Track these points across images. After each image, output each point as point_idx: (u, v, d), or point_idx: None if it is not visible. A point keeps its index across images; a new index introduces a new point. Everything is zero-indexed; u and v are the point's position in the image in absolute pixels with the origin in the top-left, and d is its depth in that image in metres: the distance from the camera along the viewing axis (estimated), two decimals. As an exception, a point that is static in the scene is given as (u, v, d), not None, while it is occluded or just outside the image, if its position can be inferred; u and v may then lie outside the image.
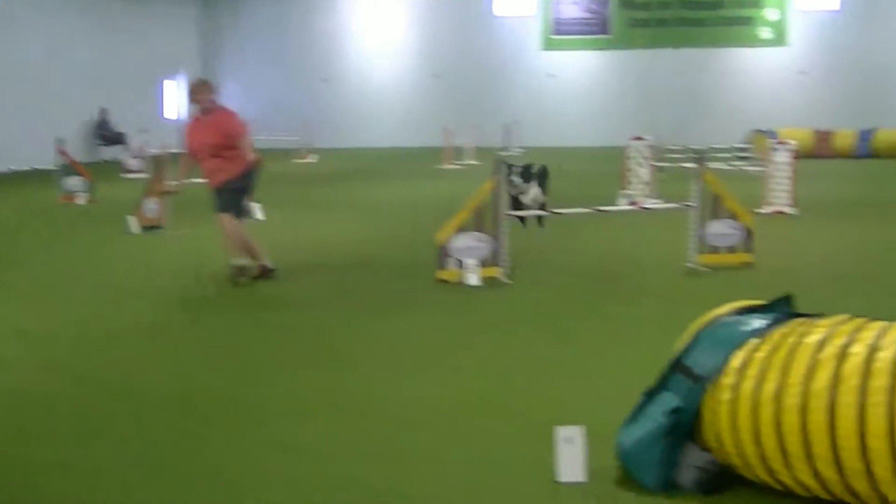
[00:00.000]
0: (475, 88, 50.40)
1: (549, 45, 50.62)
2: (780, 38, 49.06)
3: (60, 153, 25.35)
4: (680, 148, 32.30)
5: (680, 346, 6.38)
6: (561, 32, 50.53)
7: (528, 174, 16.31)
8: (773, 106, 47.85)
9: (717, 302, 6.93)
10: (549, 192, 17.01)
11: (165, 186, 18.31)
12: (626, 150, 23.24)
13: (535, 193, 15.76)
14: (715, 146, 34.17)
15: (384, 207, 22.98)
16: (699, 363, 6.07)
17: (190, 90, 13.68)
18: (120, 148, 41.60)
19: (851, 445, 5.30)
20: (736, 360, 5.88)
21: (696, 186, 14.12)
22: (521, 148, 43.57)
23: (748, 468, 5.85)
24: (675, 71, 49.54)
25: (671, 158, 29.45)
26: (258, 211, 20.65)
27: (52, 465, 6.73)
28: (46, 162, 29.75)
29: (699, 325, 6.42)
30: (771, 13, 48.95)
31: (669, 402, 6.13)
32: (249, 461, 6.78)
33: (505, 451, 6.85)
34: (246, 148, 13.49)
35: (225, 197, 13.56)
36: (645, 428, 6.14)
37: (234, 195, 13.61)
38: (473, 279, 13.11)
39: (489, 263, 13.38)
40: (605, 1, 50.07)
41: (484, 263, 13.33)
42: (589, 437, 6.29)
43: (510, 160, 15.81)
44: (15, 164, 36.40)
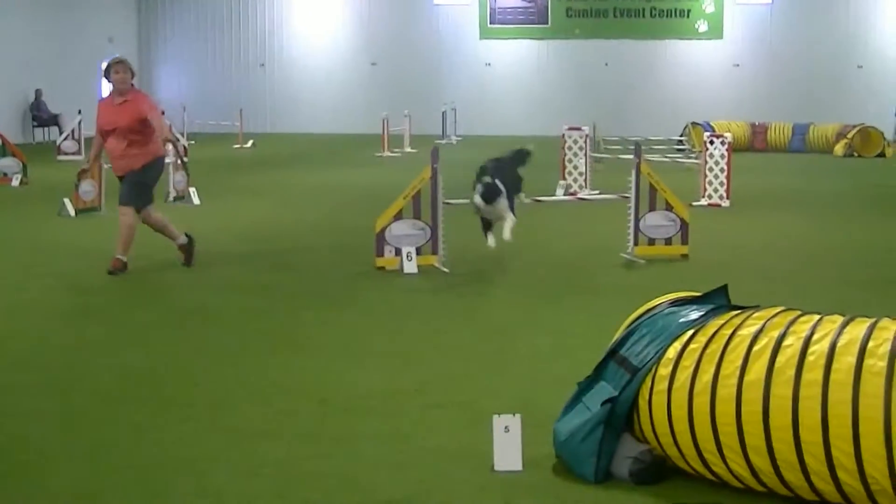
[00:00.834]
0: (413, 76, 50.33)
1: (486, 33, 50.65)
2: (715, 30, 49.39)
3: (-6, 134, 25.10)
4: (617, 139, 32.46)
5: (617, 336, 6.43)
6: (499, 21, 50.58)
7: (492, 192, 13.23)
8: (708, 99, 48.16)
9: (653, 293, 6.99)
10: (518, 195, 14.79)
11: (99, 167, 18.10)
12: (562, 140, 23.29)
13: (502, 208, 13.34)
14: (652, 138, 34.35)
15: (322, 194, 22.93)
16: (635, 353, 6.11)
17: (107, 68, 13.26)
18: (55, 129, 41.25)
19: (785, 437, 5.36)
20: (672, 350, 5.93)
21: (632, 178, 14.20)
22: (458, 136, 43.60)
23: (683, 459, 5.90)
24: (612, 62, 49.73)
25: (608, 150, 29.64)
26: (194, 196, 20.56)
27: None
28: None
29: (636, 315, 6.47)
30: (707, 6, 49.26)
31: (605, 392, 6.17)
32: (196, 445, 6.76)
33: (442, 438, 6.86)
34: (159, 128, 13.21)
35: (126, 188, 13.22)
36: (581, 418, 6.17)
37: (137, 188, 13.20)
38: (410, 267, 13.12)
39: (427, 251, 13.40)
40: (543, -10, 50.16)
41: (421, 251, 13.35)
42: (526, 426, 6.31)
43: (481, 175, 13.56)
44: (-53, 144, 35.95)
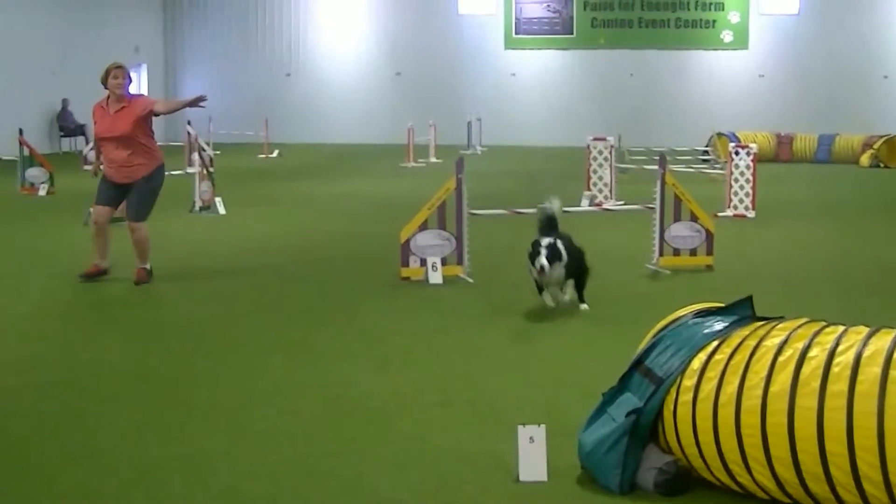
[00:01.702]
0: (438, 86, 50.36)
1: (511, 43, 50.67)
2: (740, 41, 49.31)
3: (21, 144, 25.20)
4: (642, 149, 32.45)
5: (641, 347, 6.44)
6: (524, 31, 50.59)
7: (556, 253, 11.29)
8: (734, 109, 48.04)
9: (678, 304, 6.99)
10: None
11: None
12: (587, 150, 23.29)
13: (558, 274, 11.32)
14: (676, 148, 34.32)
15: (347, 204, 22.97)
16: (660, 364, 6.12)
17: (105, 73, 12.98)
18: (81, 139, 41.44)
19: (810, 448, 5.36)
20: (697, 361, 5.94)
21: (657, 188, 14.19)
22: (483, 147, 43.61)
23: (708, 470, 5.90)
24: (637, 72, 49.68)
25: (633, 160, 29.62)
26: (220, 205, 20.63)
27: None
28: (7, 153, 29.54)
29: (660, 326, 6.48)
30: (732, 16, 49.19)
31: (630, 403, 6.18)
32: (214, 447, 6.81)
33: (467, 448, 6.88)
34: (173, 104, 13.61)
35: (137, 201, 13.12)
36: (606, 429, 6.18)
37: (148, 199, 13.21)
38: (436, 277, 13.14)
39: (452, 262, 13.43)
40: (568, 1, 50.16)
41: (446, 261, 13.37)
42: (551, 436, 6.33)
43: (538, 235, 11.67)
44: (-25, 154, 36.16)
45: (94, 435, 7.11)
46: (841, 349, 5.48)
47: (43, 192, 24.52)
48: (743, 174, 21.05)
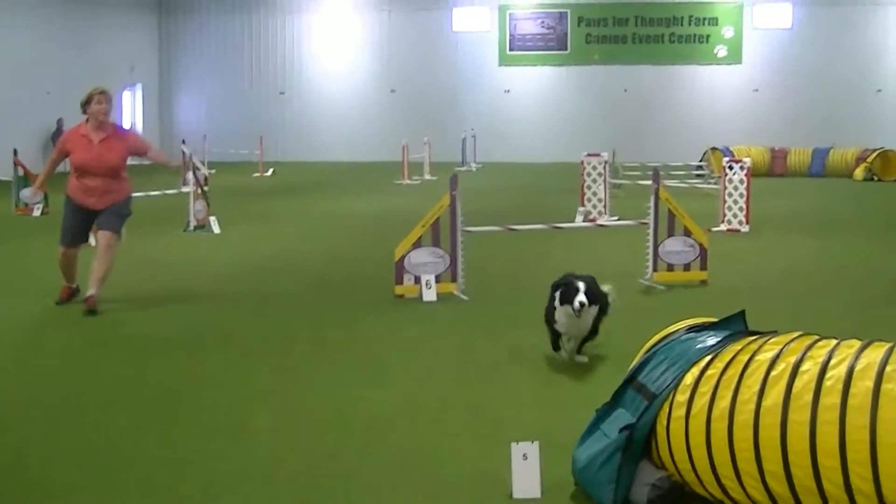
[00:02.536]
0: (433, 103, 50.47)
1: (506, 60, 50.76)
2: (734, 55, 49.42)
3: (15, 164, 25.20)
4: (636, 165, 32.50)
5: (634, 362, 6.44)
6: (518, 48, 50.70)
7: (594, 294, 9.74)
8: (728, 123, 48.18)
9: (672, 319, 6.99)
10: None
11: None
12: (581, 166, 23.32)
13: (587, 320, 9.69)
14: (671, 163, 34.39)
15: (342, 222, 22.99)
16: (653, 380, 6.12)
17: (88, 98, 12.62)
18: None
19: (803, 463, 5.35)
20: (689, 377, 5.93)
21: (651, 204, 14.21)
22: (478, 163, 43.66)
23: (701, 485, 5.89)
24: (631, 87, 49.79)
25: (627, 175, 29.66)
26: (214, 224, 20.63)
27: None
28: (1, 173, 29.53)
29: (653, 341, 6.48)
30: (726, 31, 49.31)
31: (623, 418, 6.17)
32: (217, 464, 6.81)
33: (461, 464, 6.88)
34: (162, 155, 13.46)
35: (113, 219, 12.74)
36: (599, 445, 6.18)
37: (123, 219, 12.91)
38: (430, 294, 13.14)
39: (446, 279, 13.42)
40: (562, 17, 50.28)
41: (440, 279, 13.37)
42: (544, 452, 6.33)
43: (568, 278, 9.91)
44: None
45: (92, 457, 7.10)
46: (833, 363, 5.48)
47: (37, 212, 24.49)
48: (737, 188, 21.08)
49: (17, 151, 25.61)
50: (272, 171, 40.22)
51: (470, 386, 9.03)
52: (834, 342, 5.72)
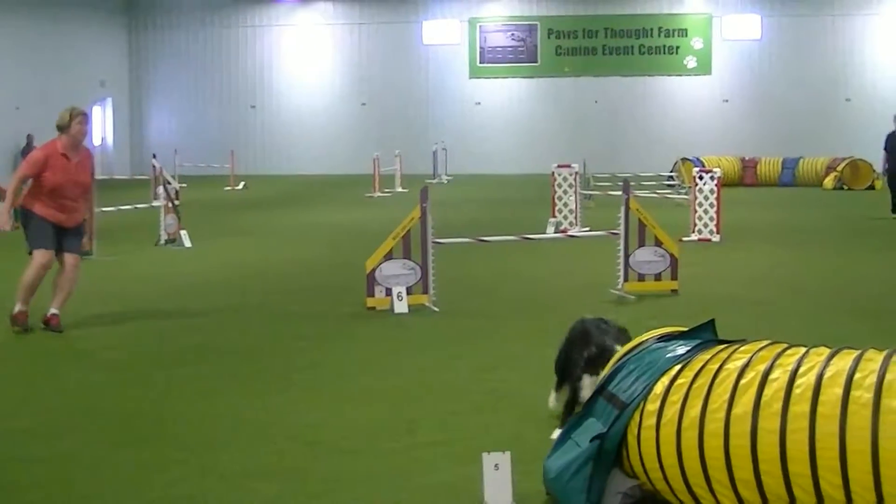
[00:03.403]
0: (404, 116, 50.49)
1: (476, 72, 50.84)
2: (704, 66, 49.61)
3: (-15, 180, 25.11)
4: (607, 176, 32.59)
5: (605, 372, 6.45)
6: (488, 60, 50.78)
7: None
8: (698, 134, 48.32)
9: (643, 329, 7.01)
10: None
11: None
12: (552, 177, 23.36)
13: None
14: (642, 174, 34.49)
15: (314, 235, 22.97)
16: (623, 389, 6.13)
17: (69, 119, 12.22)
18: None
19: (773, 470, 5.37)
20: (660, 386, 5.95)
21: (622, 214, 14.24)
22: (449, 176, 43.69)
23: (672, 493, 5.90)
24: (602, 99, 49.92)
25: (598, 186, 29.74)
26: (185, 238, 20.57)
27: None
28: (-30, 189, 29.38)
29: (623, 351, 6.50)
30: (696, 42, 49.51)
31: (594, 428, 6.18)
32: (187, 487, 6.78)
33: (433, 476, 6.88)
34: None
35: (77, 241, 12.61)
36: (571, 454, 6.18)
37: (81, 238, 12.87)
38: (401, 306, 13.13)
39: (417, 291, 13.42)
40: (532, 29, 50.39)
41: (412, 291, 13.36)
42: (516, 463, 6.33)
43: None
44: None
45: (82, 478, 7.07)
46: (802, 371, 5.50)
47: (8, 227, 24.26)
48: (707, 198, 21.15)
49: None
50: (244, 184, 40.13)
51: (441, 397, 9.03)
52: (803, 350, 5.75)
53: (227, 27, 52.27)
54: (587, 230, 20.45)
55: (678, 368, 5.97)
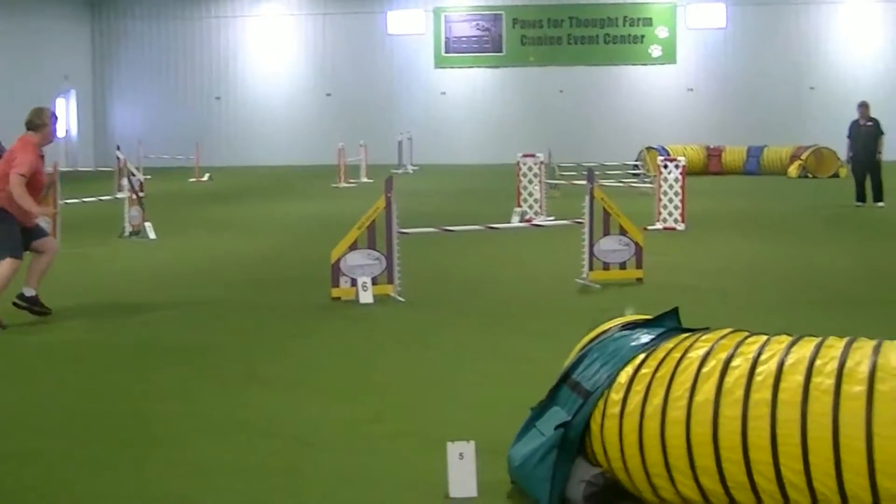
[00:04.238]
0: (369, 106, 50.40)
1: (441, 62, 50.81)
2: (669, 55, 49.73)
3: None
4: (572, 165, 32.64)
5: (569, 360, 6.46)
6: (454, 50, 50.75)
7: None
8: (663, 123, 48.40)
9: (608, 318, 7.03)
10: None
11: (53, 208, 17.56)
12: (517, 167, 23.37)
13: None
14: (607, 163, 34.56)
15: (279, 226, 22.92)
16: (587, 378, 6.14)
17: (48, 120, 12.34)
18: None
19: (735, 458, 5.40)
20: (624, 375, 5.96)
21: (586, 203, 14.26)
22: (414, 166, 43.67)
23: (633, 483, 5.92)
24: (567, 88, 49.94)
25: (564, 176, 29.78)
26: (150, 230, 20.48)
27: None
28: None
29: (587, 339, 6.51)
30: (660, 31, 49.61)
31: (559, 416, 6.19)
32: (154, 482, 6.75)
33: (398, 467, 6.88)
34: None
35: (37, 228, 12.42)
36: (534, 443, 6.19)
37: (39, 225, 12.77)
38: (366, 297, 13.12)
39: (382, 281, 13.41)
40: (496, 19, 50.39)
41: (377, 281, 13.35)
42: (480, 452, 6.34)
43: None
44: None
45: (46, 475, 7.04)
46: (763, 358, 5.53)
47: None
48: (672, 187, 21.21)
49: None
50: (208, 176, 39.98)
51: (406, 388, 9.03)
52: (764, 338, 5.78)
53: (191, 18, 52.04)
54: (552, 219, 20.47)
55: (642, 357, 5.98)
